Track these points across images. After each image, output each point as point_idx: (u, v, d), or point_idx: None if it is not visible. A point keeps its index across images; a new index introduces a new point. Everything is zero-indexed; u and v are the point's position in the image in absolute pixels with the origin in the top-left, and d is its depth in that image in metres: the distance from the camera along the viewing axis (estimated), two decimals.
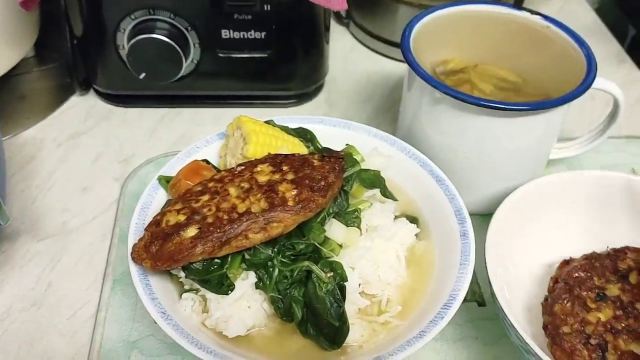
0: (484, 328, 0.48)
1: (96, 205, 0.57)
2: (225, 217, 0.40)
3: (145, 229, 0.43)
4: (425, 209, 0.49)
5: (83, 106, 0.67)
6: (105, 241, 0.53)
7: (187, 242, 0.39)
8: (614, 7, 0.89)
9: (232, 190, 0.42)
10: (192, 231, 0.40)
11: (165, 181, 0.47)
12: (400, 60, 0.75)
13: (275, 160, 0.45)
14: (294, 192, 0.41)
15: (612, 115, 0.54)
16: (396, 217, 0.48)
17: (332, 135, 0.53)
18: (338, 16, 0.81)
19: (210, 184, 0.43)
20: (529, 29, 0.55)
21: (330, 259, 0.41)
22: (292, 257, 0.41)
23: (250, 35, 0.61)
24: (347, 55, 0.77)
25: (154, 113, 0.67)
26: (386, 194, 0.47)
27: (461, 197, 0.54)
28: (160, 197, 0.47)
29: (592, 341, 0.41)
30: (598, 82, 0.51)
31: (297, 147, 0.50)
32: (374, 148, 0.50)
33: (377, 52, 0.76)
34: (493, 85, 0.55)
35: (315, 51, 0.65)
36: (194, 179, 0.45)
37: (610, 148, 0.63)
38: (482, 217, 0.55)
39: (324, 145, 0.53)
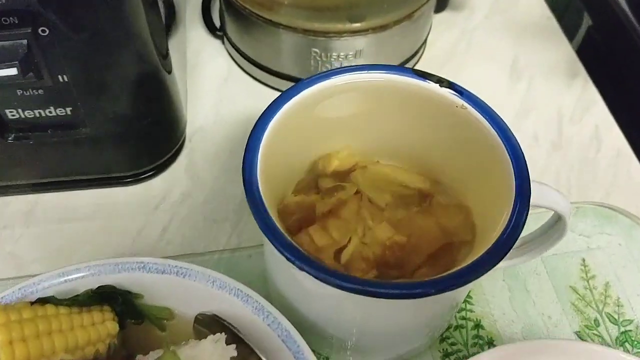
0: None
1: None
2: None
3: None
4: None
5: None
6: None
7: None
8: None
9: None
10: None
11: None
12: None
13: None
14: None
15: (555, 230, 0.39)
16: None
17: (161, 284, 0.37)
18: (209, 25, 0.61)
19: None
20: (438, 107, 0.38)
21: None
22: None
23: (50, 112, 0.42)
24: (220, 88, 0.58)
25: None
26: None
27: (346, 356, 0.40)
28: None
29: None
30: (535, 197, 0.35)
31: (96, 334, 0.34)
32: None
33: (257, 80, 0.58)
34: (391, 193, 0.39)
35: (154, 120, 0.46)
36: None
37: None
38: None
39: (149, 303, 0.37)
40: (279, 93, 0.56)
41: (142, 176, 0.50)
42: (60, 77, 0.40)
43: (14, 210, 0.48)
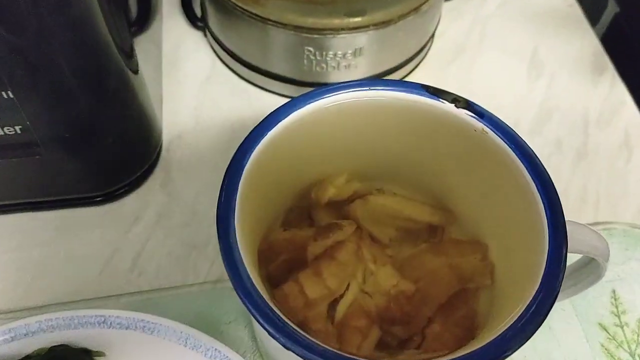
0: None
1: None
2: None
3: None
4: None
5: None
6: None
7: None
8: None
9: None
10: None
11: None
12: (280, 95, 0.51)
13: None
14: None
15: (590, 274, 0.33)
16: None
17: (125, 342, 0.31)
18: (189, 15, 0.54)
19: None
20: (452, 130, 0.31)
21: None
22: None
23: None
24: (203, 85, 0.51)
25: None
26: None
27: None
28: None
29: None
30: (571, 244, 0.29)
31: None
32: None
33: (245, 80, 0.51)
34: (395, 228, 0.33)
35: (120, 129, 0.40)
36: None
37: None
38: None
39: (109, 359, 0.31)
40: (268, 94, 0.51)
41: (112, 195, 0.44)
42: (3, 93, 0.33)
43: None
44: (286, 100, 0.33)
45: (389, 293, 0.31)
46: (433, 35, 0.52)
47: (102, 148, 0.40)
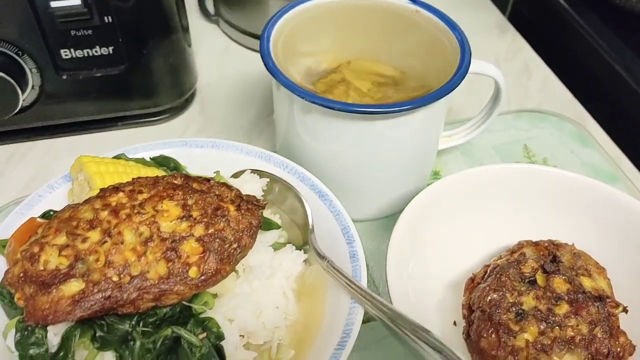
0: (391, 347, 0.44)
1: None
2: (115, 277, 0.34)
3: (21, 252, 0.35)
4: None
5: None
6: None
7: (64, 304, 0.33)
8: None
9: (128, 236, 0.35)
10: (73, 286, 0.34)
11: (1, 246, 0.40)
12: None
13: (187, 195, 0.38)
14: (200, 257, 0.35)
15: (495, 97, 0.52)
16: (280, 245, 0.43)
17: (200, 157, 0.47)
18: (205, 13, 0.74)
19: (104, 214, 0.36)
20: (398, 15, 0.51)
21: (203, 316, 0.35)
22: (157, 323, 0.35)
23: (96, 51, 0.53)
24: (220, 56, 0.70)
25: (0, 152, 0.58)
26: (267, 226, 0.42)
27: (350, 207, 0.50)
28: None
29: None
30: (475, 67, 0.48)
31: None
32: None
33: (252, 50, 0.70)
34: (370, 81, 0.51)
35: (176, 59, 0.58)
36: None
37: (501, 126, 0.61)
38: (376, 222, 0.52)
39: (190, 171, 0.47)
40: None
41: (163, 116, 0.61)
42: (106, 17, 0.51)
43: (60, 147, 0.58)
44: None
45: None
46: None
47: (162, 69, 0.57)
